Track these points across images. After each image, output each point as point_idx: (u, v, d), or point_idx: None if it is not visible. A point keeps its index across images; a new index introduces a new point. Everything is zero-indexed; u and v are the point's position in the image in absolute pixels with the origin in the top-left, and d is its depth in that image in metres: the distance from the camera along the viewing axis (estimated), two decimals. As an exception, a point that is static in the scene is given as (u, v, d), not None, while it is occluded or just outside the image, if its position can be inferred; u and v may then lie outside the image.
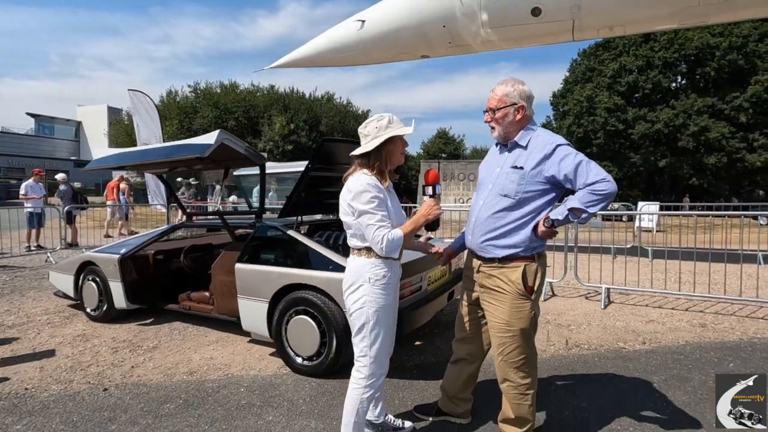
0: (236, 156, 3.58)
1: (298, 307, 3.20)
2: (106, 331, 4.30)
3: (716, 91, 28.15)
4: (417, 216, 2.08)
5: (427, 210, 2.07)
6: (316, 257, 3.23)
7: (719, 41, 27.24)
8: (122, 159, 3.73)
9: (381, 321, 2.06)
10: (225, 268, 3.74)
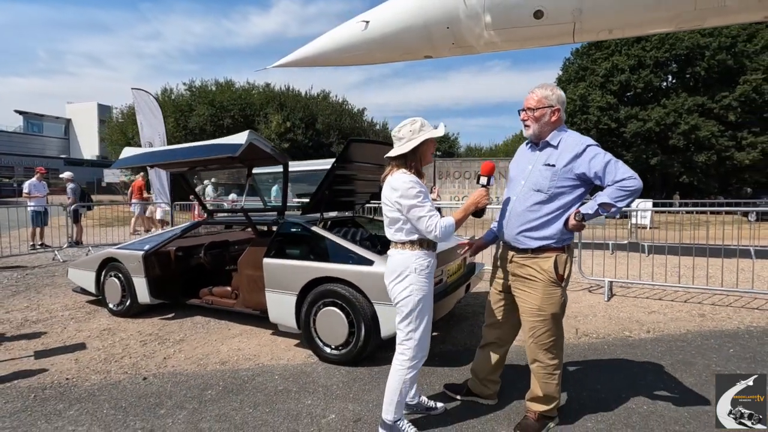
0: (262, 155, 3.72)
1: (327, 299, 3.36)
2: (131, 325, 4.43)
3: (706, 90, 28.66)
4: (467, 203, 2.26)
5: (477, 198, 2.25)
6: (344, 252, 3.40)
7: (709, 41, 27.74)
8: (151, 158, 3.85)
9: (425, 307, 2.24)
10: (251, 263, 3.89)
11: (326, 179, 3.60)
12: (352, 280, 3.24)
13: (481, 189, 2.29)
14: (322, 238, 3.57)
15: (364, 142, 3.66)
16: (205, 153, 3.49)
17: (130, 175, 27.86)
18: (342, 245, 3.42)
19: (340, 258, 3.37)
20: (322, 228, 3.76)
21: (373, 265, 3.20)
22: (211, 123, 24.33)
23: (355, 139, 3.50)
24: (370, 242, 3.88)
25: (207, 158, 3.51)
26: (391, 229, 2.31)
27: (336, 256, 3.40)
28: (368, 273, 3.19)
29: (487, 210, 2.35)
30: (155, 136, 9.85)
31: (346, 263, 3.31)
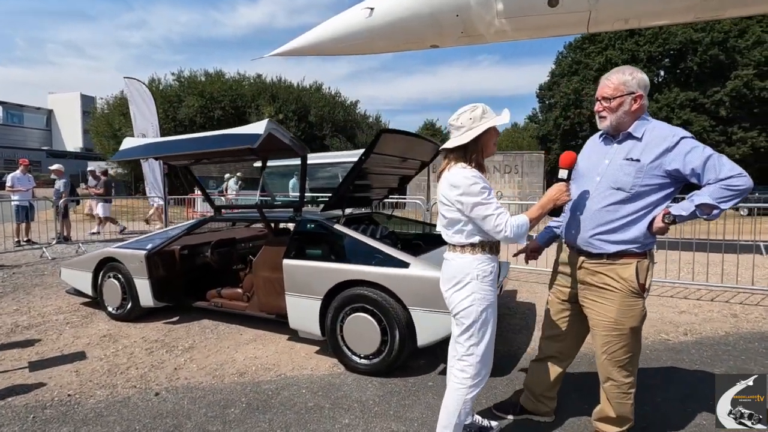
0: (280, 147, 3.41)
1: (356, 305, 3.08)
2: (133, 330, 4.10)
3: (698, 85, 28.84)
4: (545, 200, 1.99)
5: (556, 194, 1.98)
6: (376, 253, 3.12)
7: (702, 36, 27.88)
8: (157, 150, 3.49)
9: (489, 318, 1.98)
10: (268, 264, 3.58)
11: (352, 172, 3.30)
12: (385, 284, 2.96)
13: (560, 184, 2.02)
14: (349, 237, 3.28)
15: (396, 133, 3.36)
16: (220, 144, 3.16)
17: (117, 168, 27.06)
18: (373, 246, 3.14)
19: (370, 260, 3.09)
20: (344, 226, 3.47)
21: (409, 267, 2.93)
22: (200, 114, 23.70)
23: (386, 130, 3.21)
24: (395, 241, 3.60)
25: (224, 150, 3.18)
26: (450, 230, 2.03)
27: (366, 258, 3.12)
28: (404, 276, 2.92)
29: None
30: (148, 127, 9.40)
31: (379, 265, 3.03)
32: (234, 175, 11.91)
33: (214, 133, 3.25)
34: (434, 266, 2.92)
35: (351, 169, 3.31)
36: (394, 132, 3.27)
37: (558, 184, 2.02)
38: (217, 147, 3.15)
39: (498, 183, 22.63)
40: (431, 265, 2.92)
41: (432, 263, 2.96)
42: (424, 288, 2.85)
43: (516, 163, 22.79)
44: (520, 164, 22.49)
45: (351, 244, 3.24)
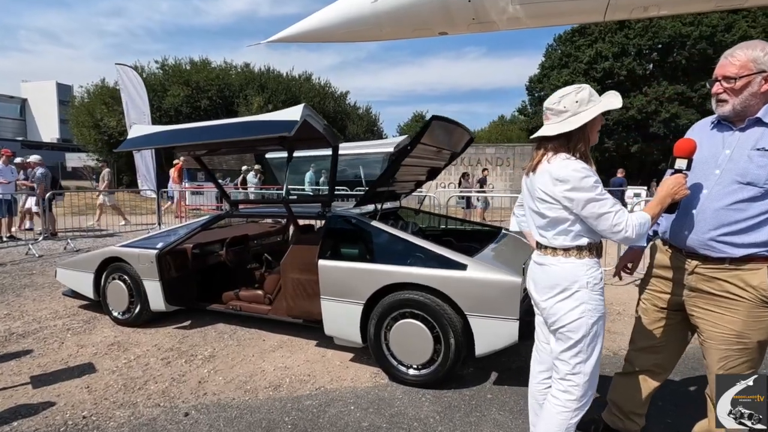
0: (312, 135, 3.08)
1: (404, 310, 2.80)
2: (143, 337, 3.74)
3: (686, 79, 29.15)
4: (663, 194, 1.73)
5: (675, 187, 1.72)
6: (425, 253, 2.83)
7: (690, 30, 28.12)
8: (173, 138, 3.11)
9: (599, 332, 1.72)
10: (298, 264, 3.27)
11: (395, 164, 3.00)
12: (439, 288, 2.68)
13: (677, 176, 1.76)
14: (393, 236, 2.99)
15: (447, 121, 3.06)
16: (250, 132, 2.81)
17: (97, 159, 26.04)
18: (423, 245, 2.85)
19: (421, 260, 2.81)
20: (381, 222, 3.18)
21: (467, 269, 2.65)
22: (186, 104, 22.89)
23: (438, 117, 2.91)
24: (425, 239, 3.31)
25: (253, 139, 2.84)
26: (551, 231, 1.76)
27: (415, 259, 2.83)
28: (461, 279, 2.64)
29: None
30: (141, 117, 8.88)
31: (431, 267, 2.74)
32: (252, 167, 11.37)
33: (243, 120, 2.90)
34: (494, 268, 2.65)
35: (395, 160, 3.01)
36: (443, 119, 2.98)
37: (675, 175, 1.77)
38: (246, 135, 2.81)
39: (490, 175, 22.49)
40: (491, 267, 2.66)
41: (491, 264, 2.70)
42: (485, 292, 2.58)
43: (508, 155, 22.70)
44: (512, 157, 22.41)
45: (396, 244, 2.95)
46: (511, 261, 2.89)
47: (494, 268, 2.63)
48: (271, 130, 2.73)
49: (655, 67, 30.52)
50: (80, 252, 7.52)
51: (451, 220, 4.91)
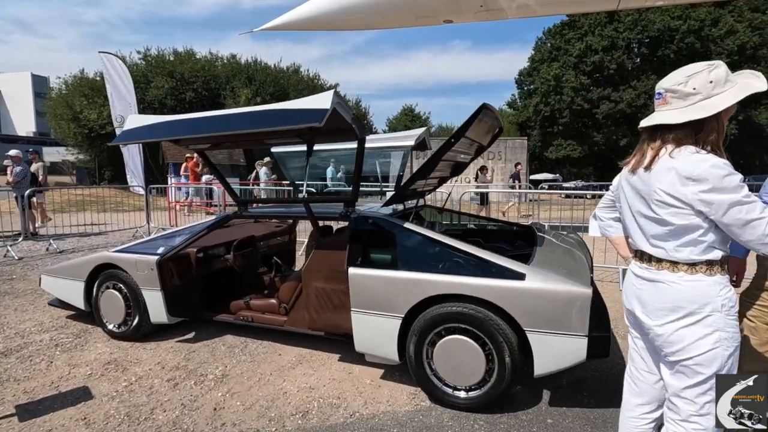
0: (338, 126, 2.70)
1: (449, 324, 2.47)
2: (143, 353, 3.34)
3: (674, 73, 29.35)
4: None
5: None
6: (473, 260, 2.50)
7: (679, 24, 28.26)
8: (180, 129, 2.69)
9: (734, 366, 1.42)
10: (323, 272, 2.91)
11: (437, 156, 2.66)
12: (494, 300, 2.36)
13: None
14: (434, 241, 2.65)
15: (493, 110, 2.72)
16: (273, 123, 2.43)
17: (77, 154, 25.06)
18: (471, 252, 2.52)
19: (470, 269, 2.48)
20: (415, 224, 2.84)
21: (526, 279, 2.33)
22: (171, 96, 22.11)
23: (488, 105, 2.57)
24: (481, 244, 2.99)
25: (273, 130, 2.46)
26: (673, 241, 1.44)
27: (463, 267, 2.50)
28: (519, 291, 2.32)
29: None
30: (127, 109, 8.32)
31: (483, 276, 2.41)
32: (265, 163, 10.78)
33: (263, 110, 2.51)
34: (558, 277, 2.34)
35: (436, 153, 2.67)
36: (492, 108, 2.64)
37: None
38: (267, 127, 2.43)
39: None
40: (554, 276, 2.34)
41: (553, 273, 2.38)
42: (548, 305, 2.27)
43: (499, 149, 22.54)
44: (504, 150, 22.27)
45: (438, 249, 2.62)
46: (571, 268, 2.58)
47: (558, 277, 2.32)
48: (298, 120, 2.36)
49: (643, 61, 30.66)
50: (64, 254, 7.02)
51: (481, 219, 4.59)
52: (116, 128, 8.45)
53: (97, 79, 22.35)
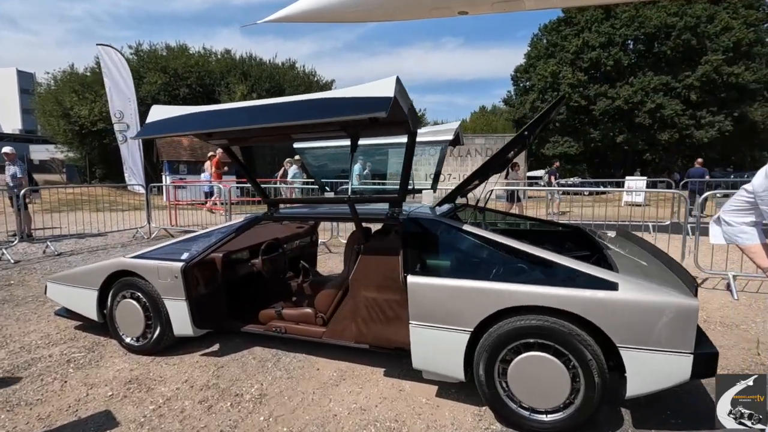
0: (392, 118, 2.41)
1: (528, 340, 2.20)
2: (167, 370, 3.03)
3: (670, 69, 29.39)
4: None
5: None
6: (553, 267, 2.23)
7: (675, 21, 28.26)
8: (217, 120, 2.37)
9: None
10: (373, 279, 2.62)
11: (505, 152, 2.39)
12: (581, 313, 2.10)
13: None
14: (504, 246, 2.38)
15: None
16: (330, 113, 2.13)
17: (67, 152, 24.37)
18: (550, 259, 2.25)
19: (550, 277, 2.21)
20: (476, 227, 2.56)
21: (619, 289, 2.07)
22: (164, 92, 21.55)
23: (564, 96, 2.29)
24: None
25: (329, 121, 2.16)
26: None
27: (541, 275, 2.23)
28: (612, 302, 2.06)
29: None
30: (126, 104, 7.92)
31: (568, 286, 2.15)
32: (295, 161, 10.32)
33: (316, 98, 2.20)
34: (657, 287, 2.08)
35: (504, 148, 2.39)
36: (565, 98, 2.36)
37: None
38: (322, 118, 2.13)
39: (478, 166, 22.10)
40: (651, 286, 2.08)
41: (649, 282, 2.12)
42: (647, 319, 2.01)
43: (497, 145, 22.40)
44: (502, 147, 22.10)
45: (510, 255, 2.34)
46: (663, 276, 2.32)
47: (657, 287, 2.06)
48: (359, 109, 2.07)
49: (640, 58, 30.67)
50: (63, 256, 6.63)
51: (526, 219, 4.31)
52: (115, 124, 8.05)
53: (87, 74, 21.73)
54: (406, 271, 2.45)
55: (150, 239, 8.12)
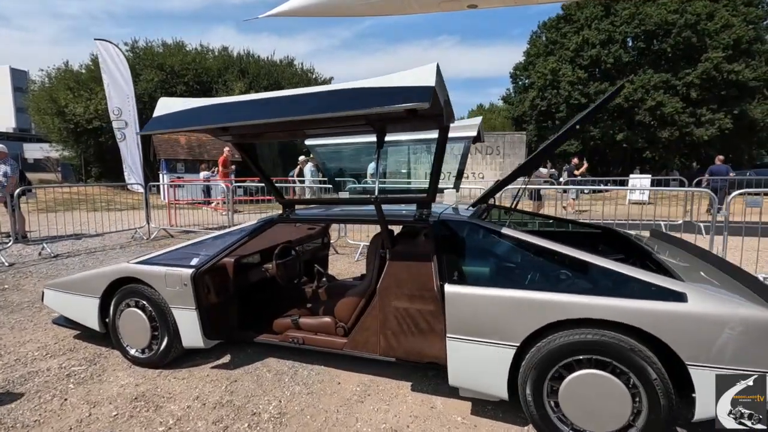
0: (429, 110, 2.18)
1: (581, 357, 1.99)
2: (176, 384, 2.80)
3: (670, 67, 29.30)
4: None
5: None
6: (608, 275, 2.02)
7: (675, 18, 28.17)
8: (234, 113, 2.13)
9: None
10: (404, 288, 2.40)
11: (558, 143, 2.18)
12: (645, 327, 1.88)
13: None
14: (550, 251, 2.16)
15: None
16: (365, 104, 1.90)
17: (61, 150, 23.96)
18: (607, 266, 2.03)
19: (610, 287, 2.00)
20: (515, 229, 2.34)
21: (688, 301, 1.85)
22: (161, 89, 21.21)
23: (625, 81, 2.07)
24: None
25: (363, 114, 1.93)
26: None
27: (601, 284, 2.02)
28: (681, 315, 1.85)
29: None
30: (125, 100, 7.64)
31: (630, 297, 1.93)
32: (310, 159, 10.02)
33: (349, 88, 1.97)
34: (732, 298, 1.87)
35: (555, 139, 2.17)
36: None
37: None
38: (356, 109, 1.89)
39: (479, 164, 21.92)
40: (726, 297, 1.87)
41: (722, 293, 1.91)
42: (721, 334, 1.80)
43: (497, 144, 22.22)
44: (502, 145, 21.96)
45: (559, 261, 2.13)
46: (732, 285, 2.10)
47: (730, 297, 1.85)
48: (399, 100, 1.84)
49: (640, 55, 30.52)
50: (59, 258, 6.37)
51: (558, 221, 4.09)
52: (113, 121, 7.77)
53: (83, 71, 21.35)
54: (443, 280, 2.23)
55: (149, 240, 7.86)
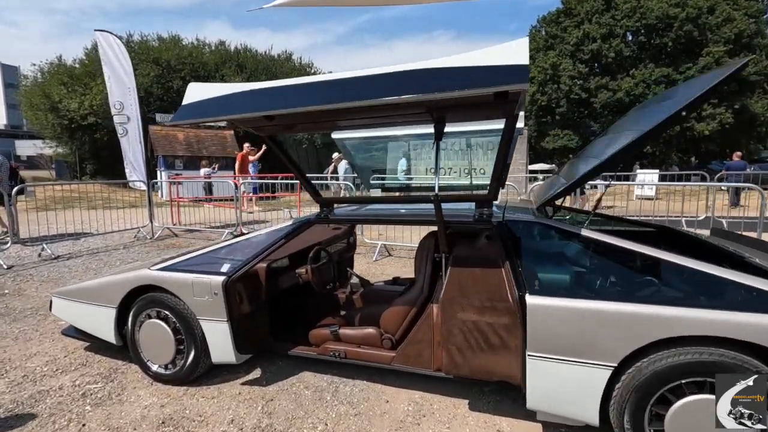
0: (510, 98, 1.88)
1: (691, 379, 1.72)
2: (205, 405, 2.51)
3: (671, 61, 29.14)
4: None
5: None
6: (720, 284, 1.75)
7: (677, 12, 27.97)
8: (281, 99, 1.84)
9: None
10: (473, 299, 2.12)
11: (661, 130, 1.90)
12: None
13: None
14: (644, 256, 1.88)
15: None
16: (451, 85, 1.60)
17: (55, 147, 23.44)
18: (720, 275, 1.76)
19: (726, 299, 1.73)
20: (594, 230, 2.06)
21: (827, 315, 1.59)
22: (157, 84, 20.76)
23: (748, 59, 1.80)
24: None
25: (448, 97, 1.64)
26: None
27: (714, 296, 1.75)
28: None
29: None
30: (125, 94, 7.28)
31: (749, 310, 1.66)
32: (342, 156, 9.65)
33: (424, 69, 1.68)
34: None
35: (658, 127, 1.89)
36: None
37: None
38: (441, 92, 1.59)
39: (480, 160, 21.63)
40: None
41: None
42: None
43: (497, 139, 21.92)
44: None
45: (659, 269, 1.86)
46: None
47: None
48: (491, 81, 1.55)
49: (641, 49, 30.33)
50: (60, 260, 6.03)
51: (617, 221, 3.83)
52: (114, 116, 7.41)
53: (76, 66, 20.82)
54: (521, 290, 1.95)
55: (153, 239, 7.53)
